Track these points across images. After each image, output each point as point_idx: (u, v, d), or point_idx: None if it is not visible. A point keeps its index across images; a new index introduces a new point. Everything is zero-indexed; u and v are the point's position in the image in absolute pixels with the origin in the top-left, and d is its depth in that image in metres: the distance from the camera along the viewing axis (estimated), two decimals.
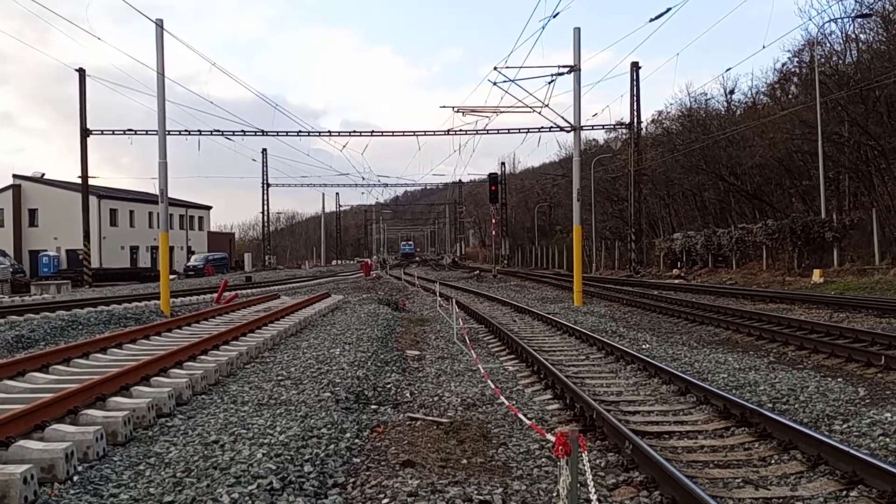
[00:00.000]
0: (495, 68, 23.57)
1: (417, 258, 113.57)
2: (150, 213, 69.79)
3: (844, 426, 7.23)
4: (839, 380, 9.62)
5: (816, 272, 27.87)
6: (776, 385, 9.20)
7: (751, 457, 6.35)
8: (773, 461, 6.20)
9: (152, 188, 44.53)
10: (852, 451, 5.72)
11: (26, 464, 5.10)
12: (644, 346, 13.14)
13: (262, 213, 76.64)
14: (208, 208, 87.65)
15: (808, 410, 7.92)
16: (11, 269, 44.60)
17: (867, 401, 8.35)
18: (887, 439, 6.60)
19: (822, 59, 34.94)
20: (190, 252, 74.30)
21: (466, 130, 36.39)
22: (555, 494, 5.27)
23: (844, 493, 5.33)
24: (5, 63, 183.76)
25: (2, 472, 4.87)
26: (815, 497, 5.31)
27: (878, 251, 28.80)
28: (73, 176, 48.69)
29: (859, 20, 33.81)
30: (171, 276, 26.14)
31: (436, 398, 8.92)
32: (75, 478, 5.48)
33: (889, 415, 7.34)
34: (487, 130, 37.46)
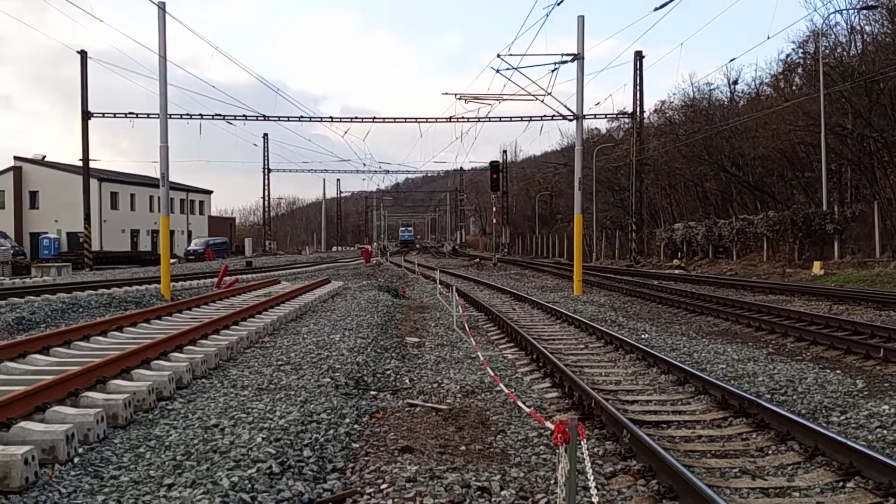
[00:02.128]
0: (498, 55, 23.50)
1: (418, 245, 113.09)
2: (151, 197, 69.70)
3: (842, 418, 7.26)
4: (838, 372, 9.64)
5: (817, 264, 27.86)
6: (775, 376, 9.22)
7: (748, 447, 6.37)
8: (770, 452, 6.22)
9: (153, 172, 44.44)
10: (849, 443, 5.74)
11: (27, 445, 5.12)
12: (643, 336, 13.16)
13: (263, 198, 76.65)
14: (209, 193, 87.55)
15: (806, 402, 7.94)
16: (12, 252, 44.62)
17: (865, 393, 8.38)
18: (884, 431, 6.62)
19: (827, 51, 34.78)
20: (190, 236, 74.29)
21: (468, 118, 36.30)
22: (552, 482, 5.30)
23: (841, 484, 5.36)
24: (3, 45, 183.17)
25: (3, 453, 4.89)
26: (812, 488, 5.33)
27: (878, 244, 28.78)
28: (72, 158, 48.64)
29: (864, 12, 33.67)
30: (172, 261, 26.14)
31: (435, 385, 8.95)
32: (76, 459, 5.51)
33: (887, 407, 7.36)
34: (490, 118, 37.46)
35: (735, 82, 48.20)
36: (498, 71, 24.04)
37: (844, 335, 11.89)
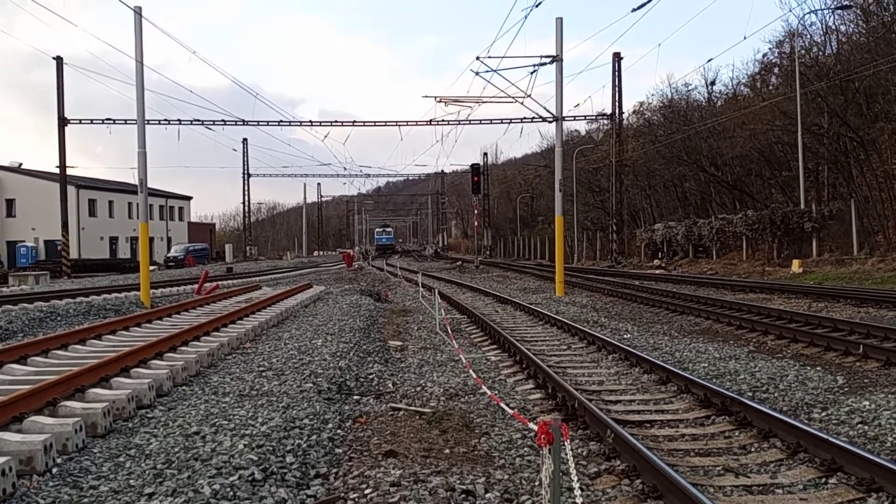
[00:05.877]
0: (478, 58, 23.54)
1: (399, 249, 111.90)
2: (130, 204, 69.07)
3: (823, 414, 7.31)
4: (818, 368, 9.71)
5: (796, 262, 28.13)
6: (756, 374, 9.28)
7: (731, 445, 6.40)
8: (753, 449, 6.25)
9: (130, 178, 44.03)
10: (831, 439, 5.78)
11: (4, 456, 5.04)
12: (625, 336, 13.20)
13: (244, 203, 76.25)
14: (188, 198, 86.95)
15: (788, 399, 7.99)
16: None
17: (846, 389, 8.44)
18: (866, 427, 6.68)
19: (803, 51, 35.17)
20: (170, 243, 73.71)
21: (449, 121, 36.26)
22: (537, 483, 5.29)
23: (823, 480, 5.39)
24: None
25: None
26: (795, 484, 5.36)
27: (856, 241, 29.13)
28: (47, 165, 48.12)
29: (839, 12, 34.10)
30: (151, 267, 25.92)
31: (418, 388, 8.92)
32: (54, 470, 5.42)
33: (867, 403, 7.42)
34: (470, 121, 37.38)
35: (712, 83, 48.67)
36: (477, 73, 24.09)
37: (824, 332, 11.99)
